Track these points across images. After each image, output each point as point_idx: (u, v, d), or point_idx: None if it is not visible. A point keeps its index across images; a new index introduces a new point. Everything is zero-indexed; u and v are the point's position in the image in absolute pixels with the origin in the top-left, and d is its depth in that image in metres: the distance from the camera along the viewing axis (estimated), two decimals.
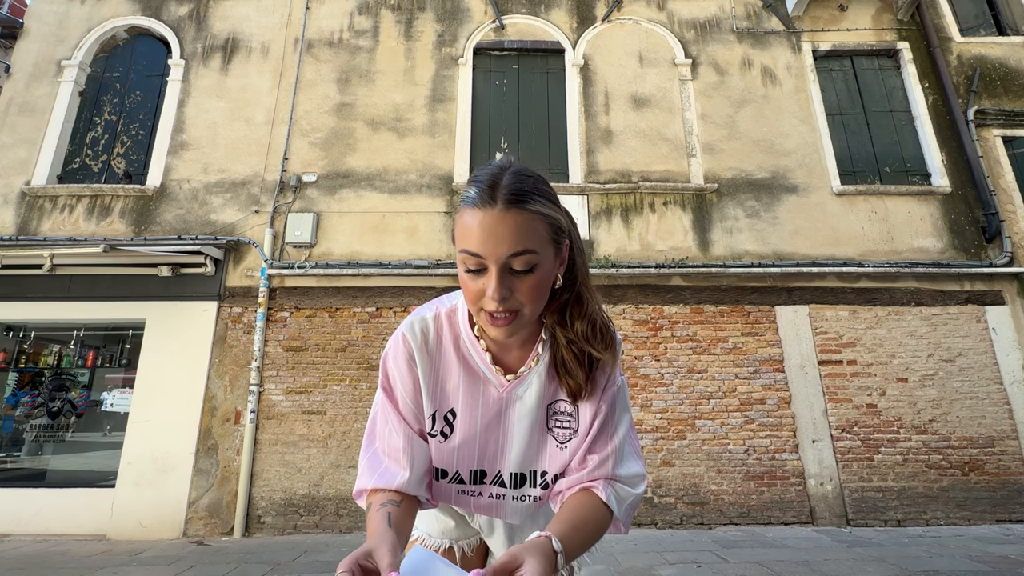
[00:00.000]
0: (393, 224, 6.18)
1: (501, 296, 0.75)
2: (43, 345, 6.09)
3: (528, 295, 0.77)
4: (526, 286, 0.77)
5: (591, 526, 0.83)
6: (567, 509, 0.86)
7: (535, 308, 0.80)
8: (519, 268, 0.75)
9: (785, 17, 7.17)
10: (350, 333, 5.80)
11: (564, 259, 0.85)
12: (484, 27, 7.08)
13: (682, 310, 5.93)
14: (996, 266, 5.97)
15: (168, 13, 7.10)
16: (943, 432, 5.52)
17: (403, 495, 0.87)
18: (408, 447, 0.89)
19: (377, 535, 0.74)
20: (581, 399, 0.90)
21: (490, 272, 0.75)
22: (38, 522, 5.13)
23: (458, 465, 0.94)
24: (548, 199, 0.80)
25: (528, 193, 0.76)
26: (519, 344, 0.91)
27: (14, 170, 6.29)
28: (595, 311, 0.88)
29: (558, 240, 0.81)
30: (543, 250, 0.77)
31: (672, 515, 5.28)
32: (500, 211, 0.74)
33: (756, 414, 5.57)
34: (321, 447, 5.42)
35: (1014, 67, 6.93)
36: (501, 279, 0.75)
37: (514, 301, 0.77)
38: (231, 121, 6.58)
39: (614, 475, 0.90)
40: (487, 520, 1.06)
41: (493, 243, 0.73)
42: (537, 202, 0.77)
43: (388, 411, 0.92)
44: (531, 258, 0.75)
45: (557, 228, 0.81)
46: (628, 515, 0.92)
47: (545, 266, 0.78)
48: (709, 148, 6.55)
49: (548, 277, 0.80)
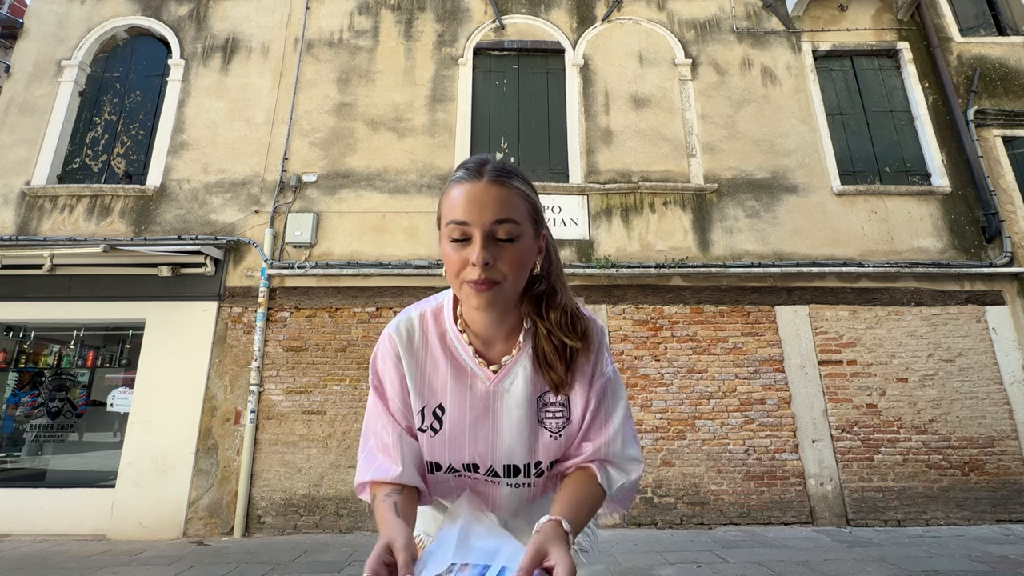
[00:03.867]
0: (393, 224, 6.18)
1: (484, 261, 0.78)
2: (43, 345, 6.09)
3: (509, 265, 0.81)
4: (507, 256, 0.80)
5: (588, 502, 0.88)
6: (566, 488, 0.90)
7: (515, 280, 0.83)
8: (502, 236, 0.80)
9: (785, 17, 7.17)
10: (350, 333, 5.80)
11: (542, 248, 0.89)
12: (484, 27, 7.08)
13: (682, 310, 5.93)
14: (996, 266, 5.97)
15: (168, 13, 7.10)
16: (943, 432, 5.52)
17: (402, 485, 0.90)
18: (398, 444, 0.93)
19: (389, 526, 0.79)
20: (564, 390, 0.93)
21: (475, 239, 0.79)
22: (38, 522, 5.13)
23: (450, 459, 0.95)
24: (529, 185, 0.86)
25: (512, 173, 0.83)
26: (503, 336, 0.93)
27: (14, 170, 6.29)
28: (568, 302, 0.92)
29: (538, 221, 0.87)
30: (524, 224, 0.82)
31: (672, 515, 5.28)
32: (486, 183, 0.80)
33: (756, 414, 5.57)
34: (321, 447, 5.42)
35: (1014, 67, 6.93)
36: (485, 244, 0.79)
37: (495, 271, 0.80)
38: (231, 121, 6.58)
39: (608, 458, 0.93)
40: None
41: (478, 210, 0.79)
42: (519, 181, 0.84)
43: (379, 409, 0.95)
44: (513, 228, 0.80)
45: (536, 210, 0.86)
46: (627, 497, 0.95)
47: (525, 240, 0.83)
48: (709, 148, 6.55)
49: (528, 252, 0.84)
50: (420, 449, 0.95)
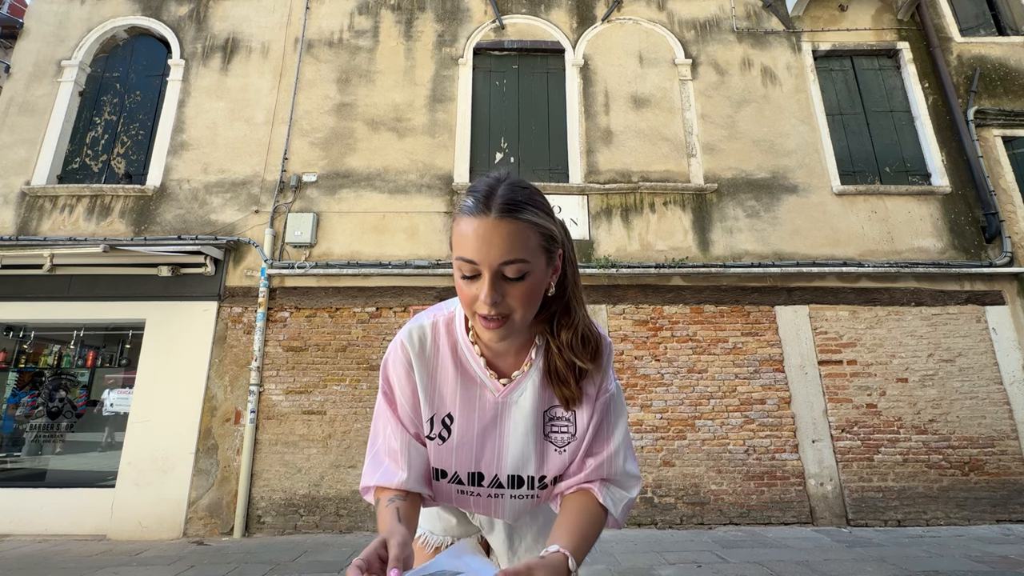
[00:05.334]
0: (393, 224, 6.18)
1: (492, 300, 0.78)
2: (43, 345, 6.09)
3: (519, 301, 0.81)
4: (517, 293, 0.80)
5: (592, 528, 0.88)
6: (569, 514, 0.89)
7: (525, 313, 0.83)
8: (511, 275, 0.79)
9: (785, 17, 7.17)
10: (350, 333, 5.80)
11: (557, 268, 0.88)
12: (484, 27, 7.08)
13: (682, 310, 5.93)
14: (996, 266, 5.96)
15: (168, 13, 7.10)
16: (943, 432, 5.52)
17: (407, 491, 0.91)
18: (405, 450, 0.93)
19: (389, 528, 0.80)
20: (574, 406, 0.94)
21: (483, 278, 0.79)
22: (38, 522, 5.13)
23: (456, 467, 0.96)
24: (541, 210, 0.83)
25: (521, 204, 0.80)
26: (514, 351, 0.94)
27: (14, 170, 6.29)
28: (581, 322, 0.91)
29: (550, 249, 0.84)
30: (534, 259, 0.80)
31: (672, 515, 5.28)
32: (494, 220, 0.77)
33: (756, 414, 5.57)
34: (321, 447, 5.42)
35: (1014, 67, 6.93)
36: (493, 285, 0.78)
37: (505, 306, 0.80)
38: (231, 121, 6.57)
39: (610, 477, 0.94)
40: (487, 518, 1.09)
41: (486, 250, 0.77)
42: (530, 212, 0.80)
43: (388, 415, 0.96)
44: (522, 267, 0.79)
45: (550, 238, 0.83)
46: (624, 513, 0.96)
47: (536, 274, 0.81)
48: (709, 148, 6.55)
49: (539, 285, 0.83)
50: (427, 456, 0.96)
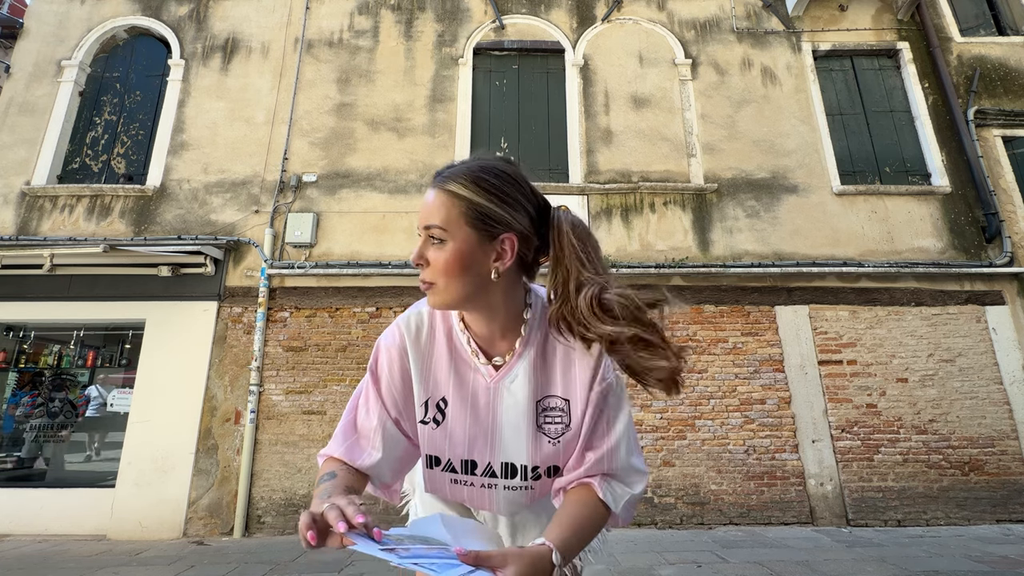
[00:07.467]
0: (393, 224, 6.18)
1: (414, 258, 0.85)
2: (43, 345, 6.09)
3: (438, 268, 0.84)
4: (437, 260, 0.84)
5: (589, 524, 0.85)
6: (566, 508, 0.87)
7: (447, 283, 0.84)
8: (434, 239, 0.84)
9: (785, 17, 7.17)
10: (350, 333, 5.80)
11: (502, 253, 0.85)
12: (484, 27, 7.08)
13: (682, 310, 5.93)
14: (996, 266, 5.96)
15: (168, 13, 7.09)
16: (943, 432, 5.52)
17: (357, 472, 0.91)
18: (380, 429, 0.94)
19: (335, 495, 0.73)
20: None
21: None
22: (38, 522, 5.13)
23: (450, 453, 0.96)
24: (483, 187, 0.84)
25: (458, 176, 0.85)
26: (499, 335, 0.94)
27: (14, 170, 6.29)
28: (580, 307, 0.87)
29: (485, 229, 0.84)
30: (453, 229, 0.83)
31: (672, 515, 5.28)
32: (430, 188, 0.86)
33: (756, 414, 5.57)
34: (321, 447, 5.40)
35: (1014, 67, 6.93)
36: (421, 245, 0.86)
37: (430, 272, 0.85)
38: (231, 121, 6.57)
39: (611, 472, 0.91)
40: (491, 514, 1.08)
41: (422, 214, 0.86)
42: (458, 185, 0.84)
43: (370, 392, 0.97)
44: (438, 232, 0.83)
45: (483, 215, 0.83)
46: (628, 511, 0.92)
47: (456, 245, 0.83)
48: (709, 148, 6.55)
49: (462, 258, 0.83)
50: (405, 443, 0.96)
